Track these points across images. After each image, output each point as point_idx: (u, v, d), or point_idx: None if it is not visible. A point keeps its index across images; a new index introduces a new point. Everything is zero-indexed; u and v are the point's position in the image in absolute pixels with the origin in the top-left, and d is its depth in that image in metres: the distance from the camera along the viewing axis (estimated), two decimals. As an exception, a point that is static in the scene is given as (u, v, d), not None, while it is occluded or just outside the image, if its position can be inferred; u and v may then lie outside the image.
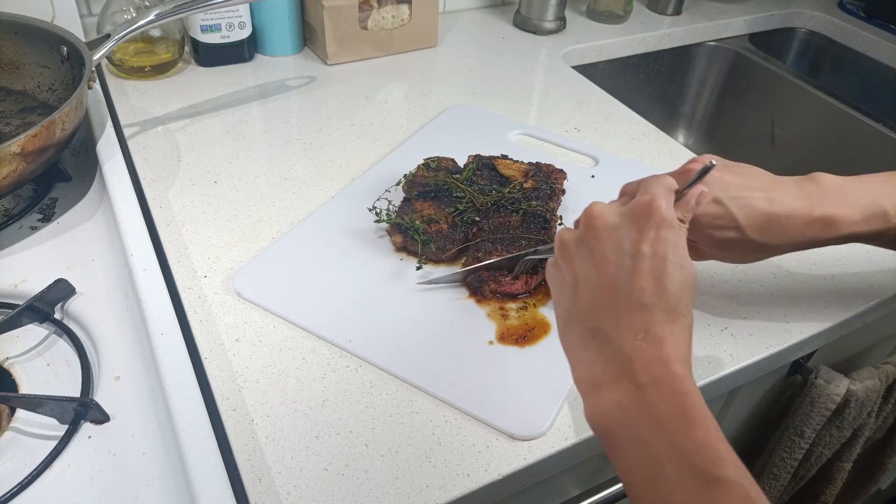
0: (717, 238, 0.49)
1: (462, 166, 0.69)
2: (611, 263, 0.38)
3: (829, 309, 0.60)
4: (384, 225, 0.64)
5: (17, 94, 0.75)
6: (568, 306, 0.40)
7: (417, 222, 0.60)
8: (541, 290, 0.59)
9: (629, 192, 0.44)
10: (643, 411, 0.34)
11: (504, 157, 0.71)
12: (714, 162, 0.42)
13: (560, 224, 0.64)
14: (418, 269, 0.60)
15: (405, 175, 0.67)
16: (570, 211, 0.68)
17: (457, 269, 0.60)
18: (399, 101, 0.87)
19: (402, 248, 0.62)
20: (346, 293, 0.57)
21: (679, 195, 0.42)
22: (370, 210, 0.65)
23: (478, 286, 0.57)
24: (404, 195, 0.66)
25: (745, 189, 0.48)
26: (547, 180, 0.66)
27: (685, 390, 0.34)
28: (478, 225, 0.62)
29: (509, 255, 0.58)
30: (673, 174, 0.46)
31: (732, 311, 0.59)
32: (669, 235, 0.38)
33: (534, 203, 0.63)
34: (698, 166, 0.43)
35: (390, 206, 0.66)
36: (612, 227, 0.39)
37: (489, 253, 0.58)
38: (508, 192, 0.64)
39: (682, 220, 0.42)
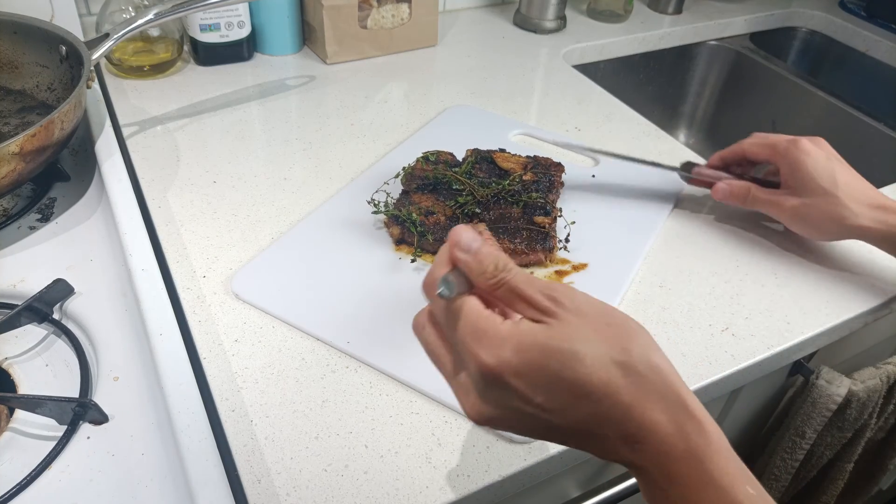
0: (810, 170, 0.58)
1: (461, 160, 0.69)
2: (525, 425, 0.35)
3: (830, 309, 0.60)
4: (382, 218, 0.64)
5: (15, 94, 0.75)
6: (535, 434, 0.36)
7: (414, 214, 0.60)
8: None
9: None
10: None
11: (502, 150, 0.71)
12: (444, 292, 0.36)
13: (560, 215, 0.64)
14: (413, 261, 0.60)
15: (404, 168, 0.67)
16: (569, 208, 0.68)
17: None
18: (399, 100, 0.87)
19: (400, 241, 0.62)
20: (345, 294, 0.57)
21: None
22: (369, 202, 0.65)
23: None
24: (403, 188, 0.66)
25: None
26: (546, 173, 0.67)
27: (706, 457, 0.32)
28: (479, 217, 0.62)
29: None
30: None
31: (734, 311, 0.59)
32: (512, 382, 0.33)
33: (534, 195, 0.63)
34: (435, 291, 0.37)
35: (388, 199, 0.66)
36: (481, 403, 0.35)
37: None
38: (508, 185, 0.64)
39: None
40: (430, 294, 0.37)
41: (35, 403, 0.46)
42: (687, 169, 0.70)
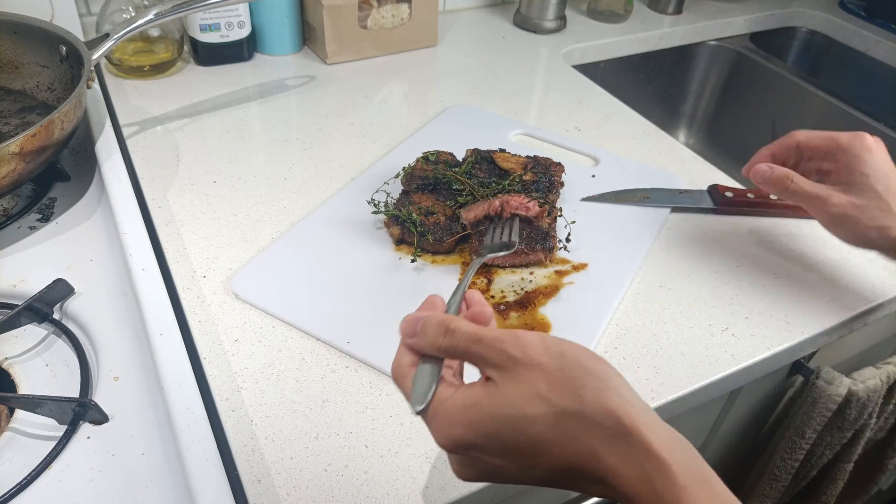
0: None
1: (461, 160, 0.69)
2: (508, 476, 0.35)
3: (830, 309, 0.60)
4: (382, 218, 0.64)
5: (16, 94, 0.75)
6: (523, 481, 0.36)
7: (414, 214, 0.60)
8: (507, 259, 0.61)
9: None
10: None
11: (502, 150, 0.71)
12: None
13: (560, 215, 0.64)
14: (413, 261, 0.60)
15: (404, 168, 0.67)
16: (569, 208, 0.68)
17: (456, 264, 0.60)
18: (399, 100, 0.87)
19: (400, 241, 0.62)
20: (345, 294, 0.57)
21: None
22: (369, 202, 0.65)
23: (474, 251, 0.60)
24: (403, 188, 0.66)
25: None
26: (546, 173, 0.67)
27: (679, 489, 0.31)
28: None
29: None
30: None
31: (734, 311, 0.59)
32: (471, 454, 0.34)
33: (535, 195, 0.63)
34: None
35: (388, 199, 0.66)
36: (461, 466, 0.36)
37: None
38: (508, 185, 0.64)
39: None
40: (400, 386, 0.37)
41: (35, 403, 0.46)
42: (714, 197, 0.70)
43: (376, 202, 0.65)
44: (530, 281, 0.60)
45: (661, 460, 0.31)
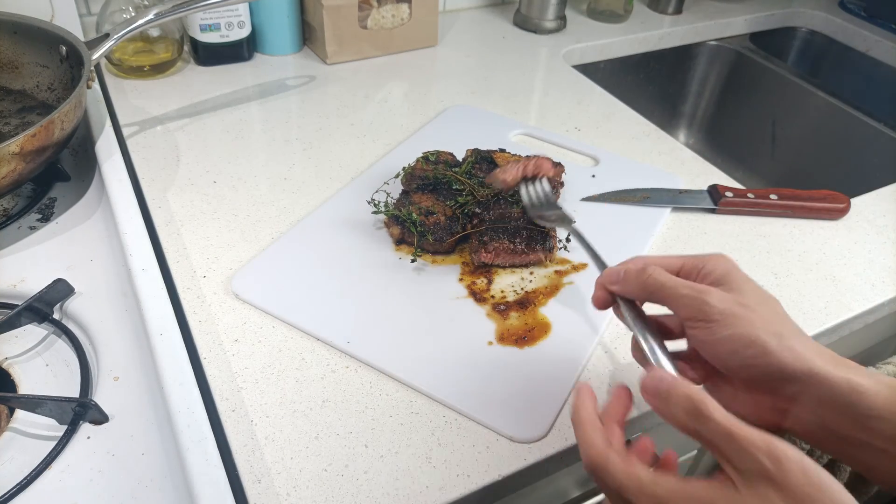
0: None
1: (461, 160, 0.69)
2: None
3: (830, 309, 0.60)
4: (382, 218, 0.64)
5: (16, 94, 0.75)
6: None
7: (414, 214, 0.60)
8: (507, 259, 0.61)
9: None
10: None
11: (502, 150, 0.71)
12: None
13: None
14: (413, 261, 0.60)
15: (404, 168, 0.67)
16: (569, 208, 0.68)
17: (456, 264, 0.60)
18: (399, 100, 0.87)
19: (400, 241, 0.62)
20: (345, 294, 0.57)
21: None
22: (369, 202, 0.65)
23: (474, 251, 0.61)
24: (403, 188, 0.66)
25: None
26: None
27: None
28: (479, 216, 0.62)
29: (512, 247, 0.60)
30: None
31: (733, 311, 0.59)
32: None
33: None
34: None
35: (388, 199, 0.66)
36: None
37: (493, 239, 0.59)
38: None
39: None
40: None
41: (35, 403, 0.46)
42: (714, 197, 0.70)
43: (376, 202, 0.65)
44: (530, 281, 0.60)
45: None
